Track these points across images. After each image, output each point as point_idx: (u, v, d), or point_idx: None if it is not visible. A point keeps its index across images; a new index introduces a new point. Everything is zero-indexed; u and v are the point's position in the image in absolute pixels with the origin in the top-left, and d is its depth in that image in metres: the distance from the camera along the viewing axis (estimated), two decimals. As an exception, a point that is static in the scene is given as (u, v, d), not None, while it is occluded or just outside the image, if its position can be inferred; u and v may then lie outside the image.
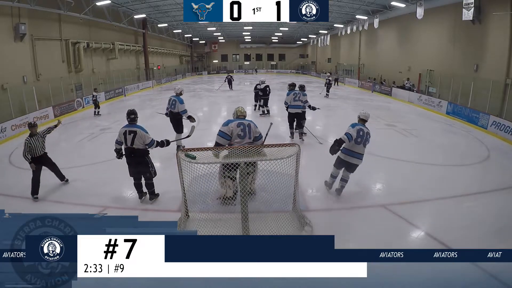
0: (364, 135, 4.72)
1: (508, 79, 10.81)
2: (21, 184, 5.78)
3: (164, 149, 5.06)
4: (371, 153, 7.13)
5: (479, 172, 6.44)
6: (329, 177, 5.20)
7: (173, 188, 4.93)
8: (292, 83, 8.62)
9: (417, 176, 5.91)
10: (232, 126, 4.57)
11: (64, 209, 4.73)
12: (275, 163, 3.85)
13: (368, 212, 4.67)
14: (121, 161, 4.96)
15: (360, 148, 4.77)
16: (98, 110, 13.36)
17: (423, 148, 7.85)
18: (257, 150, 3.95)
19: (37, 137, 5.22)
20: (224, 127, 4.59)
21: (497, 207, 4.74)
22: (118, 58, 21.43)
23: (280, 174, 4.07)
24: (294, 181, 4.24)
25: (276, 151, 3.91)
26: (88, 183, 5.48)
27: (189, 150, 3.89)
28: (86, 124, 11.44)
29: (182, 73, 34.80)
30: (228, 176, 4.41)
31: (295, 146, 4.01)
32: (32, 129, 5.20)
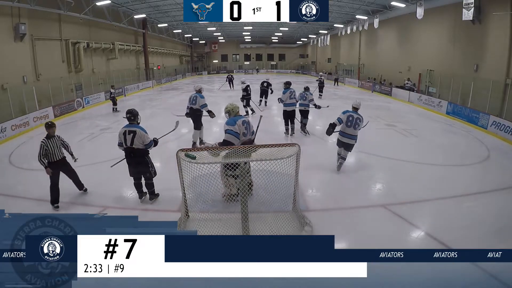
0: (353, 120, 5.72)
1: (508, 79, 10.81)
2: (21, 184, 5.79)
3: (164, 149, 5.07)
4: (371, 153, 7.16)
5: (479, 172, 6.44)
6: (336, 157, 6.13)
7: (173, 188, 4.94)
8: (287, 82, 8.78)
9: (417, 176, 5.91)
10: (239, 124, 4.58)
11: (64, 209, 4.74)
12: (275, 163, 3.85)
13: (368, 212, 4.67)
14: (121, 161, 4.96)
15: (351, 130, 5.75)
16: (116, 107, 13.44)
17: (423, 148, 7.85)
18: (254, 148, 3.97)
19: (55, 140, 4.77)
20: (232, 126, 4.56)
21: (497, 207, 4.74)
22: (118, 58, 21.44)
23: (280, 174, 4.06)
24: (294, 181, 4.24)
25: (276, 151, 3.91)
26: (88, 183, 5.47)
27: (190, 150, 3.89)
28: (86, 124, 11.44)
29: (182, 73, 34.81)
30: (230, 175, 4.42)
31: (295, 146, 4.01)
32: (50, 130, 4.75)
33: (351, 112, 5.83)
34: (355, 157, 6.89)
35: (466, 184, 5.61)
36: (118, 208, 4.84)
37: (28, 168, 6.70)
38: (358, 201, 4.99)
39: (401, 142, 8.47)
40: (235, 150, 3.95)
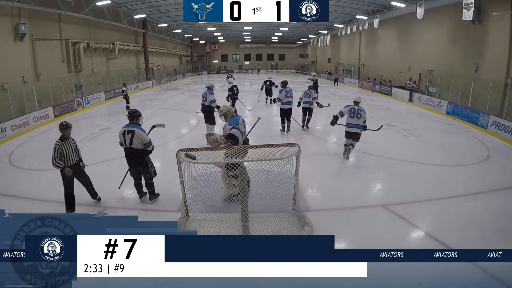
0: (355, 111, 6.40)
1: (508, 79, 10.81)
2: (21, 184, 5.78)
3: (164, 149, 5.07)
4: (371, 153, 7.16)
5: (479, 172, 6.44)
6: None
7: (173, 188, 4.95)
8: (284, 81, 9.11)
9: (417, 176, 5.91)
10: (240, 122, 4.65)
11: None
12: (275, 163, 3.85)
13: (368, 212, 4.67)
14: (120, 161, 4.95)
15: (355, 120, 6.40)
16: (129, 105, 13.50)
17: (423, 148, 7.85)
18: (253, 148, 3.99)
19: (70, 142, 4.51)
20: (237, 125, 4.59)
21: (497, 207, 4.74)
22: (118, 58, 21.44)
23: (280, 174, 4.05)
24: (294, 181, 4.24)
25: (276, 151, 3.91)
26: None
27: (189, 151, 3.89)
28: (86, 124, 11.44)
29: (182, 73, 34.81)
30: (231, 175, 4.41)
31: (295, 146, 4.01)
32: (66, 132, 4.44)
33: (352, 105, 6.49)
34: (355, 157, 6.90)
35: (466, 184, 5.62)
36: (118, 208, 4.84)
37: (28, 168, 6.71)
38: (358, 201, 4.99)
39: (401, 142, 8.47)
40: (235, 150, 3.95)
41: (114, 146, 4.91)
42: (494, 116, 9.60)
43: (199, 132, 8.87)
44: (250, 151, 3.99)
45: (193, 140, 8.04)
